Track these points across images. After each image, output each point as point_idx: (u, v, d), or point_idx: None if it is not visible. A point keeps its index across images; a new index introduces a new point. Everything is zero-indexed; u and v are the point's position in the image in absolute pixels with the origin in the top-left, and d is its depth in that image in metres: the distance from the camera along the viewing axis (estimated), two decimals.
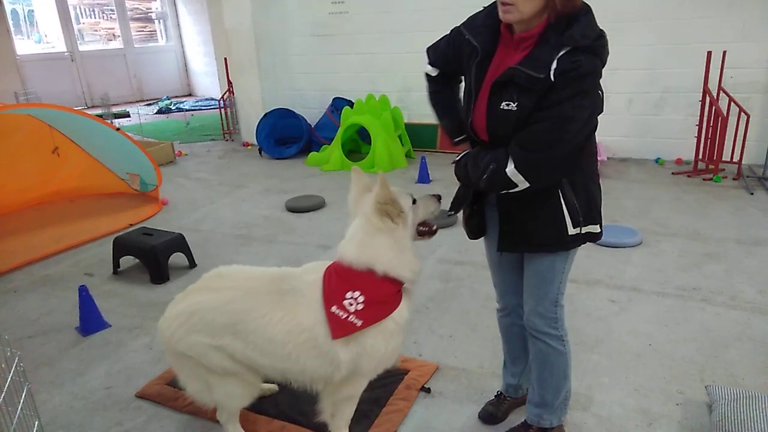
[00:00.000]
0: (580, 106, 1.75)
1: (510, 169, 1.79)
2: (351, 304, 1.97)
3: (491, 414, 2.50)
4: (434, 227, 2.23)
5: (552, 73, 1.69)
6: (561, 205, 1.93)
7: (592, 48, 1.72)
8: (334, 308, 1.98)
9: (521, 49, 1.81)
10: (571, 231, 1.95)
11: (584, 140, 1.87)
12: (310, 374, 2.12)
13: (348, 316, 1.96)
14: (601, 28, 1.77)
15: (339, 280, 2.03)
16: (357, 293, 1.98)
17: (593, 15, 1.77)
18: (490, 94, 1.85)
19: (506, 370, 2.52)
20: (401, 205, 2.06)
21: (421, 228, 2.20)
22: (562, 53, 1.70)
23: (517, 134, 1.80)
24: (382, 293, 2.01)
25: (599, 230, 2.03)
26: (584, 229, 1.98)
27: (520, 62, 1.76)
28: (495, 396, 2.57)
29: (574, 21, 1.72)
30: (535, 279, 2.10)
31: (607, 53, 1.79)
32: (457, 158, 2.04)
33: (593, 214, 2.00)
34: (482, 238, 2.25)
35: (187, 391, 2.32)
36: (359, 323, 1.97)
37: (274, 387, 2.71)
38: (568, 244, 2.00)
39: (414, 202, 2.14)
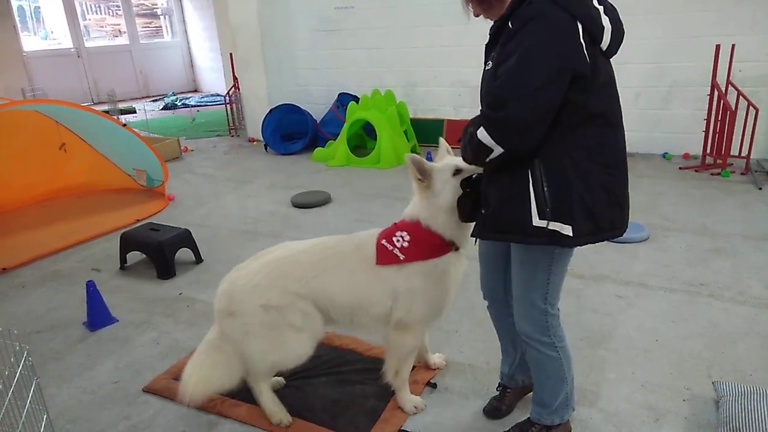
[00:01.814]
0: (529, 54, 1.68)
1: (480, 131, 1.78)
2: (398, 241, 2.32)
3: (496, 408, 2.52)
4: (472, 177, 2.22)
5: (512, 19, 1.75)
6: (528, 187, 1.82)
7: None
8: (383, 241, 2.34)
9: None
10: (536, 222, 1.82)
11: (547, 110, 1.72)
12: (373, 310, 2.36)
13: (393, 249, 2.31)
14: None
15: (394, 226, 2.39)
16: (404, 233, 2.32)
17: None
18: (485, 60, 1.96)
19: (502, 361, 2.57)
20: (431, 180, 2.27)
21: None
22: (526, 2, 1.73)
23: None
24: (427, 238, 2.28)
25: (570, 234, 1.82)
26: (551, 225, 1.82)
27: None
28: (497, 389, 2.58)
29: None
30: (519, 285, 2.09)
31: (583, 11, 1.71)
32: None
33: (565, 211, 1.81)
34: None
35: (246, 354, 2.38)
36: (402, 257, 2.29)
37: (280, 380, 2.76)
38: (531, 237, 1.86)
39: (458, 171, 2.23)
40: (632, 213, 5.10)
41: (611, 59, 1.89)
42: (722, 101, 5.53)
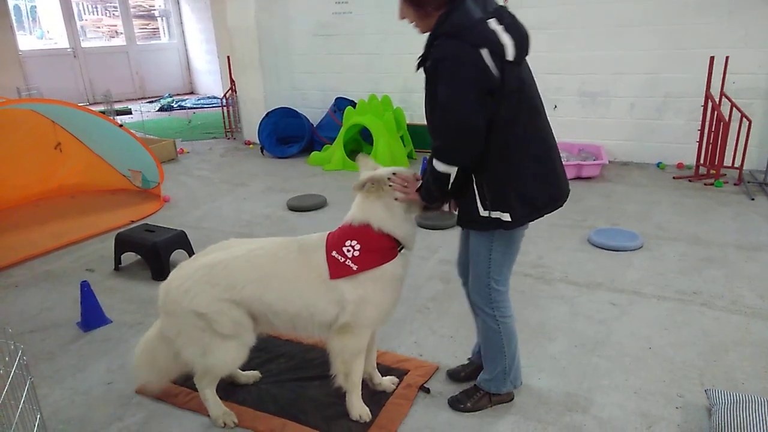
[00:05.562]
0: (451, 89, 1.97)
1: (436, 162, 2.09)
2: (348, 251, 2.28)
3: (457, 372, 2.81)
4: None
5: (429, 60, 2.05)
6: (473, 188, 2.16)
7: (455, 33, 1.95)
8: (334, 252, 2.30)
9: None
10: (482, 212, 2.17)
11: (481, 126, 2.00)
12: (318, 318, 2.34)
13: (345, 260, 2.28)
14: (479, 17, 1.97)
15: (341, 232, 2.36)
16: (354, 242, 2.29)
17: (466, 4, 1.98)
18: None
19: (477, 339, 2.76)
20: (383, 180, 2.32)
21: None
22: (435, 42, 2.02)
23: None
24: (377, 244, 2.29)
25: (509, 219, 2.15)
26: (493, 214, 2.16)
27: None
28: (467, 359, 2.87)
29: (450, 15, 1.99)
30: (471, 260, 2.39)
31: (483, 38, 1.95)
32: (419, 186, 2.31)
33: (502, 202, 2.14)
34: None
35: (182, 355, 2.43)
36: (355, 267, 2.27)
37: (256, 374, 2.84)
38: (481, 224, 2.21)
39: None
40: (626, 221, 5.15)
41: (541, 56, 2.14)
42: (716, 112, 5.58)
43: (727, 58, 5.53)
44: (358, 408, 2.53)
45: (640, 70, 6.29)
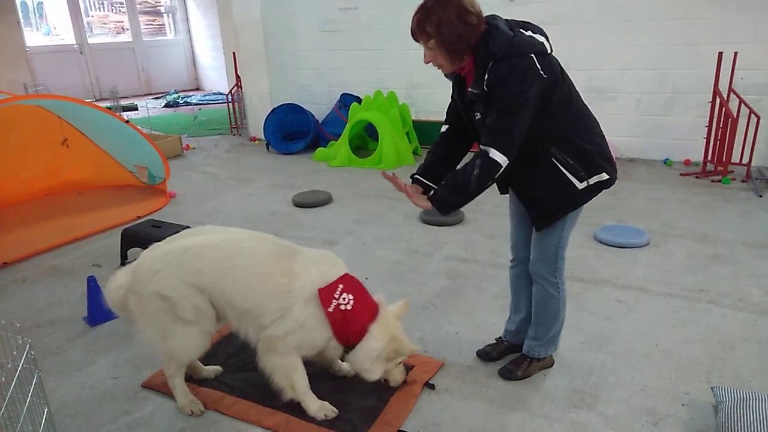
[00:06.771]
0: (513, 96, 2.17)
1: (492, 152, 2.22)
2: (341, 296, 2.37)
3: (487, 353, 2.92)
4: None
5: (485, 83, 2.21)
6: (559, 169, 2.35)
7: (507, 54, 2.16)
8: (339, 285, 2.40)
9: (470, 78, 2.32)
10: (580, 186, 2.37)
11: (523, 132, 2.22)
12: (263, 319, 2.37)
13: (332, 298, 2.36)
14: (512, 31, 2.20)
15: (358, 287, 2.47)
16: (351, 297, 2.38)
17: (498, 27, 2.20)
18: (467, 111, 2.43)
19: (509, 320, 2.93)
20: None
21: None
22: (489, 66, 2.19)
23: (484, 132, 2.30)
24: (353, 320, 2.38)
25: (608, 176, 2.39)
26: (591, 180, 2.37)
27: (470, 86, 2.30)
28: (495, 340, 2.97)
29: (488, 41, 2.18)
30: (539, 235, 2.53)
31: (530, 44, 2.19)
32: (431, 194, 2.52)
33: (596, 167, 2.37)
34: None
35: (142, 336, 2.50)
36: (329, 309, 2.35)
37: (218, 369, 2.85)
38: (583, 198, 2.41)
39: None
40: (633, 218, 5.13)
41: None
42: (724, 109, 5.54)
43: (735, 53, 5.49)
44: (318, 406, 2.52)
45: (648, 66, 6.25)
